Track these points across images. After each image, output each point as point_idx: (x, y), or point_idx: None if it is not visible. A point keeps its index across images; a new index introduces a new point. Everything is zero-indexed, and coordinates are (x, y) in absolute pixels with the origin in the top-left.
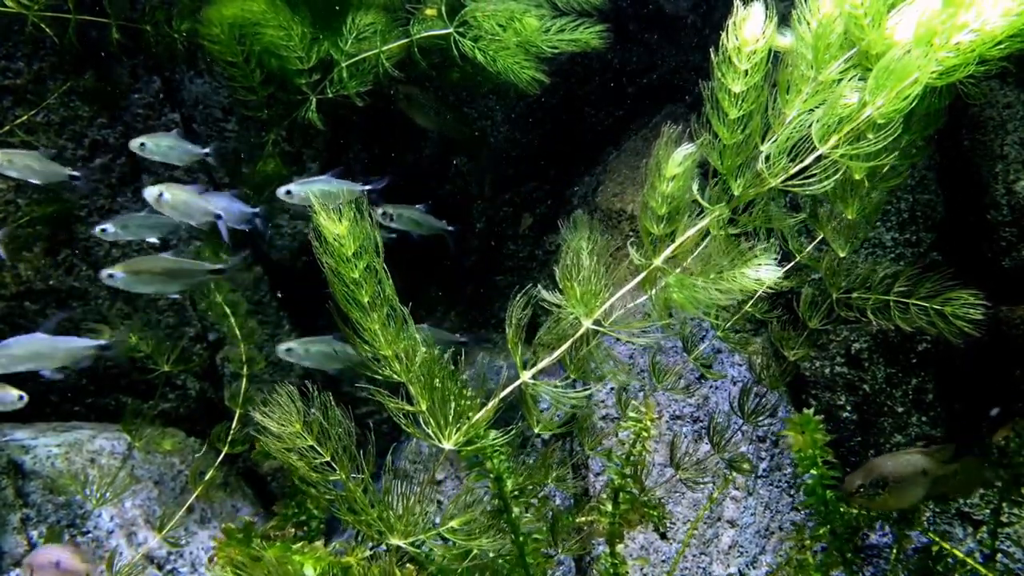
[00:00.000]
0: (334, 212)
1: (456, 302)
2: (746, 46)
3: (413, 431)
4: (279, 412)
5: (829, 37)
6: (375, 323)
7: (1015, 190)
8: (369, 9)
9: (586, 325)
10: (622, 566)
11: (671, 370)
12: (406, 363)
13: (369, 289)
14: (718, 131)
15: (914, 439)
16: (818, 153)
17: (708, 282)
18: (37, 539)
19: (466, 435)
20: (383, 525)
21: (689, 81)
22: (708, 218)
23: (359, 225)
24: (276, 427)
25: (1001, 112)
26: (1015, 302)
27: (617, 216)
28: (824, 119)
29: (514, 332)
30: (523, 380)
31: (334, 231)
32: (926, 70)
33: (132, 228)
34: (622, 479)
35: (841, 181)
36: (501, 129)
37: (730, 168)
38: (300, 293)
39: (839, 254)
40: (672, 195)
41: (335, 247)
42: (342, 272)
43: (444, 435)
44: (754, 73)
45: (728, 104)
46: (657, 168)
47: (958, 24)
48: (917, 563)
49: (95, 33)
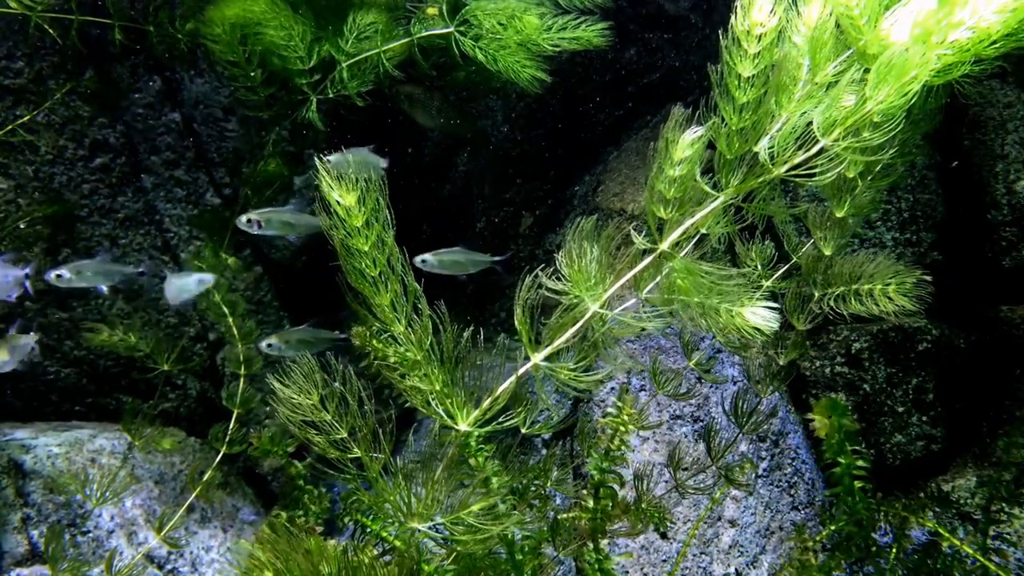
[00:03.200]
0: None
1: (456, 302)
2: (756, 27)
3: (427, 411)
4: (298, 384)
5: (825, 40)
6: (385, 299)
7: (1015, 190)
8: (370, 8)
9: (593, 308)
10: (606, 562)
11: (672, 374)
12: (417, 341)
13: (380, 263)
14: (726, 116)
15: (914, 439)
16: (820, 145)
17: (715, 268)
18: (37, 539)
19: (483, 414)
20: (402, 508)
21: (689, 81)
22: (716, 202)
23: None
24: (295, 398)
25: (1001, 112)
26: (1015, 302)
27: (617, 216)
28: (827, 112)
29: (522, 312)
30: (534, 363)
31: (344, 202)
32: (925, 67)
33: (87, 275)
34: (601, 474)
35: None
36: (501, 129)
37: (737, 153)
38: (300, 292)
39: (824, 252)
40: (680, 178)
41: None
42: (352, 245)
43: (460, 416)
44: (764, 56)
45: (736, 89)
46: (666, 150)
47: (954, 22)
48: (917, 562)
49: (96, 33)
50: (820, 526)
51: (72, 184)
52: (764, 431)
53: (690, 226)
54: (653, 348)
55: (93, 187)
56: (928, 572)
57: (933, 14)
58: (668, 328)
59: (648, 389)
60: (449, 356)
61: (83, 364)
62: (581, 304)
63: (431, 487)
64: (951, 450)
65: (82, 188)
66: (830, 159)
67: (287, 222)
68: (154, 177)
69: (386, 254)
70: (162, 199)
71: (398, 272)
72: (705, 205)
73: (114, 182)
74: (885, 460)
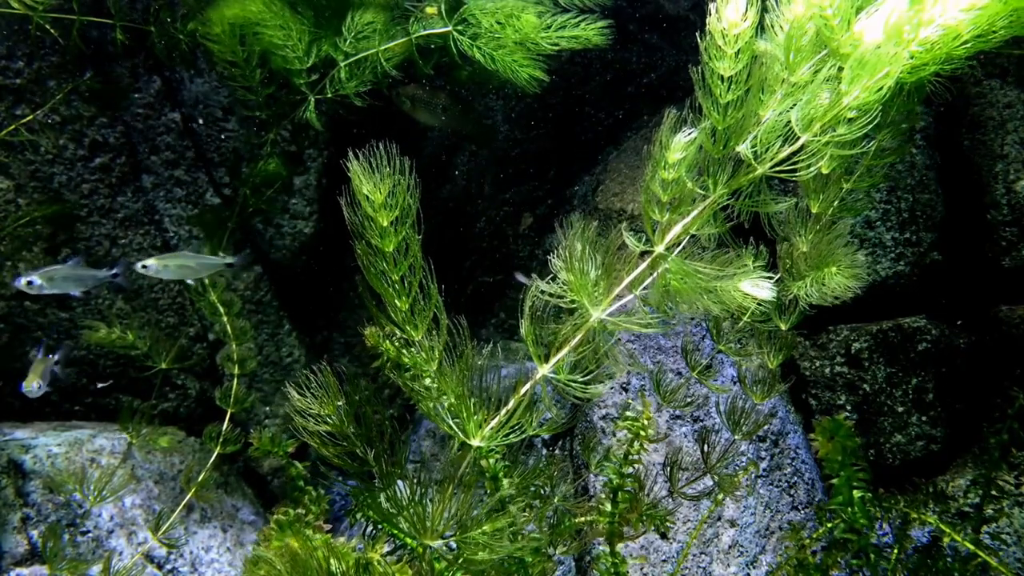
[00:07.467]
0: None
1: (456, 302)
2: (734, 28)
3: (440, 424)
4: (316, 394)
5: (803, 41)
6: (404, 304)
7: (1015, 190)
8: (368, 8)
9: (596, 315)
10: (622, 565)
11: (673, 375)
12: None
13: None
14: (710, 116)
15: (914, 439)
16: (801, 141)
17: (709, 267)
18: (37, 539)
19: (494, 432)
20: (416, 526)
21: (689, 81)
22: (707, 200)
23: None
24: (312, 409)
25: (1001, 112)
26: (1015, 302)
27: (617, 216)
28: (806, 108)
29: (529, 324)
30: (543, 374)
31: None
32: (897, 63)
33: (58, 281)
34: (620, 479)
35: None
36: (501, 129)
37: (723, 153)
38: (300, 292)
39: (801, 248)
40: (674, 180)
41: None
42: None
43: (473, 430)
44: (742, 56)
45: (719, 89)
46: (659, 152)
47: (925, 20)
48: (917, 562)
49: (95, 33)
50: (819, 525)
51: (72, 184)
52: (764, 431)
53: (685, 226)
54: (653, 348)
55: (93, 187)
56: (928, 572)
57: (904, 13)
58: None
59: (648, 389)
60: (466, 370)
61: (83, 364)
62: (583, 311)
63: (444, 503)
64: (951, 450)
65: (82, 188)
66: (811, 155)
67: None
68: (154, 177)
69: (410, 259)
70: (162, 199)
71: (419, 276)
72: (696, 205)
73: (114, 182)
74: (885, 460)
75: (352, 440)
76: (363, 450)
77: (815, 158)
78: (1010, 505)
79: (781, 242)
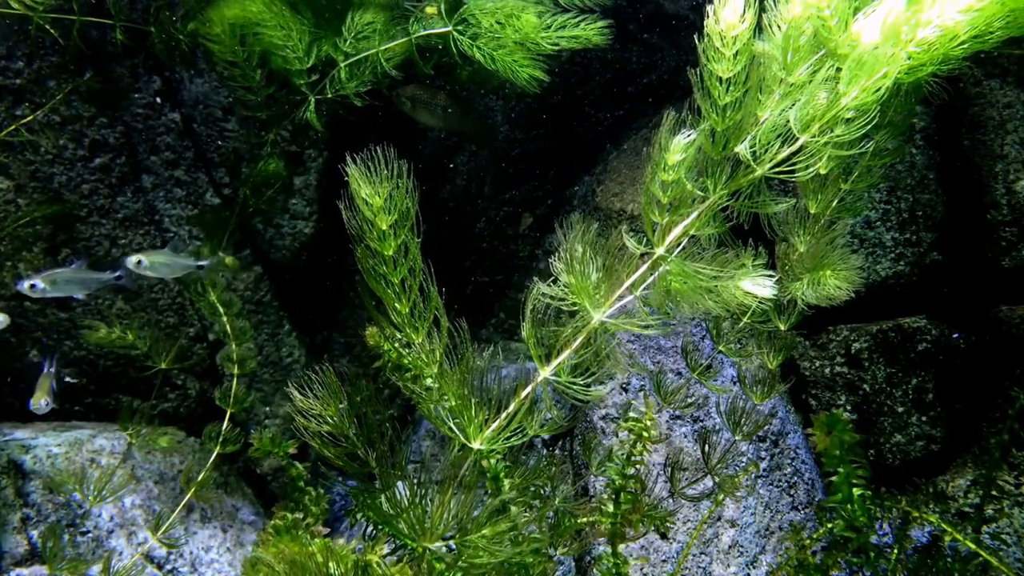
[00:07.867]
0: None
1: (456, 302)
2: (731, 29)
3: (439, 425)
4: (319, 396)
5: (800, 41)
6: (404, 307)
7: (1015, 190)
8: (368, 8)
9: (597, 318)
10: (624, 566)
11: (673, 375)
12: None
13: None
14: (709, 118)
15: (914, 439)
16: (800, 142)
17: (709, 267)
18: (37, 539)
19: (495, 434)
20: (415, 528)
21: (689, 81)
22: (707, 202)
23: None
24: (314, 409)
25: (1001, 112)
26: (1015, 302)
27: (617, 216)
28: (804, 109)
29: (531, 327)
30: (544, 377)
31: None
32: (894, 64)
33: (61, 284)
34: (623, 479)
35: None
36: (501, 129)
37: (722, 155)
38: (300, 292)
39: (799, 249)
40: (674, 182)
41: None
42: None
43: (474, 433)
44: (740, 57)
45: (717, 90)
46: (659, 154)
47: (923, 20)
48: (917, 562)
49: (95, 33)
50: (819, 525)
51: (72, 184)
52: (764, 431)
53: (685, 228)
54: (653, 348)
55: (93, 187)
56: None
57: (902, 13)
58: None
59: (648, 389)
60: (467, 373)
61: (83, 364)
62: (584, 313)
63: (444, 505)
64: (951, 450)
65: (82, 188)
66: (809, 155)
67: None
68: (154, 177)
69: (409, 262)
70: (162, 199)
71: (419, 279)
72: (696, 207)
73: (114, 182)
74: (885, 460)
75: (353, 441)
76: (364, 451)
77: (814, 159)
78: (1010, 505)
79: (780, 243)
